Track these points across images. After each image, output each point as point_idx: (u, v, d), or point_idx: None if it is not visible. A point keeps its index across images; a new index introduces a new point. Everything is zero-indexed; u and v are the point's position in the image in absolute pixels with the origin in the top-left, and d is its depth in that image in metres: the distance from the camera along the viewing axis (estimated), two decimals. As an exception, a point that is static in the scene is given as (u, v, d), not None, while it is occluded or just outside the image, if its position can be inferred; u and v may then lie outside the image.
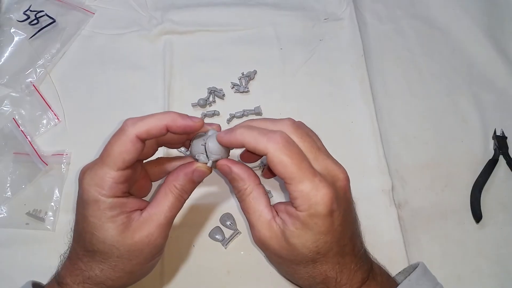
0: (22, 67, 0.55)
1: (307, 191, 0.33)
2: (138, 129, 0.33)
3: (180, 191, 0.36)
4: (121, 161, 0.33)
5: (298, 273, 0.37)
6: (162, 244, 0.36)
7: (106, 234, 0.33)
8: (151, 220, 0.35)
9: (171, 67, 0.57)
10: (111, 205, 0.33)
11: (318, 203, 0.33)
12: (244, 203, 0.37)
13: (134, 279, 0.37)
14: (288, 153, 0.33)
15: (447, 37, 0.62)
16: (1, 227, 0.47)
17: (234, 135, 0.35)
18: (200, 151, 0.37)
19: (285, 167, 0.33)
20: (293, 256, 0.35)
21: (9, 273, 0.45)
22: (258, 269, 0.45)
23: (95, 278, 0.35)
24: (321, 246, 0.34)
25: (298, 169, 0.33)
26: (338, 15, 0.62)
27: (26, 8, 0.58)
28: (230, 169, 0.36)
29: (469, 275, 0.46)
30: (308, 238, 0.34)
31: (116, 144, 0.33)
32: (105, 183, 0.33)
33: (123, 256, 0.34)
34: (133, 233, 0.34)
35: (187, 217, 0.48)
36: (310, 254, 0.35)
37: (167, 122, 0.34)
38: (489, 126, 0.55)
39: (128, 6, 0.62)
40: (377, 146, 0.53)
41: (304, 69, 0.58)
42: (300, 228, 0.34)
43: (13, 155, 0.50)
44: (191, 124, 0.35)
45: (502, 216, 0.50)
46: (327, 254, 0.35)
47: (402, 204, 0.50)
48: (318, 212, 0.33)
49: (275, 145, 0.33)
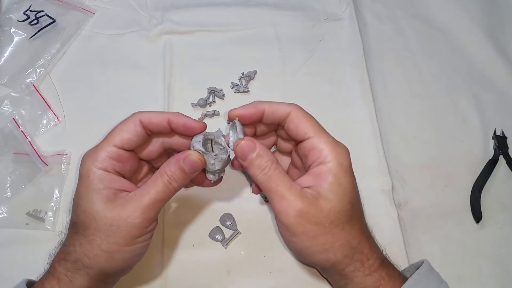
0: (22, 67, 0.55)
1: (330, 142, 0.37)
2: (143, 115, 0.37)
3: (169, 177, 0.36)
4: (119, 138, 0.37)
5: (337, 240, 0.36)
6: (141, 226, 0.35)
7: (88, 204, 0.35)
8: (134, 200, 0.35)
9: (171, 67, 0.57)
10: (100, 177, 0.35)
11: (343, 152, 0.37)
12: (271, 179, 0.36)
13: (112, 263, 0.36)
14: (308, 114, 0.38)
15: (447, 37, 0.62)
16: (1, 227, 0.47)
17: (253, 105, 0.39)
18: (197, 139, 0.38)
19: (309, 122, 0.38)
20: (334, 215, 0.36)
21: (9, 273, 0.45)
22: (258, 269, 0.45)
23: (73, 254, 0.35)
24: (354, 197, 0.37)
25: (319, 125, 0.38)
26: (338, 15, 0.62)
27: (26, 8, 0.58)
28: (255, 144, 0.37)
29: (469, 275, 0.47)
30: (344, 188, 0.36)
31: (120, 125, 0.37)
32: (99, 155, 0.36)
33: (100, 229, 0.34)
34: (113, 208, 0.35)
35: (187, 217, 0.48)
36: (347, 207, 0.36)
37: (170, 116, 0.37)
38: (489, 126, 0.55)
39: (128, 6, 0.62)
40: (377, 146, 0.53)
41: (304, 69, 0.58)
42: (333, 181, 0.36)
43: (13, 155, 0.50)
44: (192, 122, 0.38)
45: (502, 216, 0.50)
46: (357, 210, 0.38)
47: (402, 204, 0.50)
48: (344, 161, 0.37)
49: (297, 107, 0.38)
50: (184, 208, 0.48)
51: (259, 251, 0.46)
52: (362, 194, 0.40)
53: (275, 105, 0.39)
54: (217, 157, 0.39)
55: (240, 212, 0.48)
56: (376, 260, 0.37)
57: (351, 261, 0.37)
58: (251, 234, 0.47)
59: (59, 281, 0.35)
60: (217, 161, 0.39)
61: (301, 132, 0.37)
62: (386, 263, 0.38)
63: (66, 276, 0.35)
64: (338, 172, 0.36)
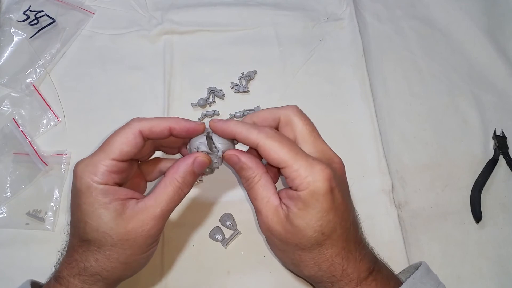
0: (22, 67, 0.55)
1: (303, 170, 0.34)
2: (142, 125, 0.35)
3: (180, 183, 0.36)
4: (118, 151, 0.34)
5: (303, 260, 0.37)
6: (156, 235, 0.36)
7: (99, 222, 0.34)
8: (146, 210, 0.35)
9: (171, 67, 0.57)
10: (103, 191, 0.34)
11: (317, 180, 0.34)
12: (252, 191, 0.38)
13: (129, 270, 0.37)
14: (279, 140, 0.35)
15: (447, 37, 0.62)
16: (1, 227, 0.47)
17: (227, 125, 0.37)
18: (200, 141, 0.38)
19: (277, 152, 0.35)
20: (298, 239, 0.36)
21: (9, 273, 0.45)
22: (258, 269, 0.45)
23: (90, 269, 0.35)
24: (324, 225, 0.35)
25: (290, 151, 0.35)
26: (338, 15, 0.62)
27: (26, 8, 0.58)
28: (239, 158, 0.37)
29: (469, 275, 0.46)
30: (311, 217, 0.35)
31: (118, 135, 0.35)
32: (98, 169, 0.34)
33: (116, 244, 0.34)
34: (126, 222, 0.34)
35: (187, 217, 0.48)
36: (315, 235, 0.35)
37: (171, 124, 0.36)
38: (489, 126, 0.55)
39: (128, 6, 0.62)
40: (377, 146, 0.53)
41: (304, 69, 0.58)
42: (302, 208, 0.35)
43: (13, 155, 0.50)
44: (194, 125, 0.37)
45: (502, 216, 0.50)
46: (332, 236, 0.35)
47: (402, 204, 0.50)
48: (318, 188, 0.34)
49: (265, 135, 0.35)
50: (184, 208, 0.48)
51: (259, 251, 0.46)
52: (362, 195, 0.40)
53: (246, 134, 0.36)
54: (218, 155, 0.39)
55: (240, 212, 0.48)
56: (351, 281, 0.36)
57: (320, 280, 0.37)
58: (251, 234, 0.47)
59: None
60: (219, 159, 0.39)
61: (272, 163, 0.36)
62: (369, 280, 0.36)
63: None
64: (308, 201, 0.34)
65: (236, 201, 0.49)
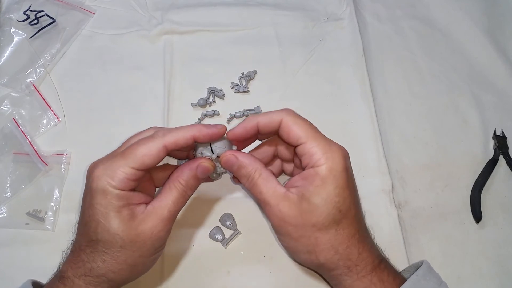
0: (22, 67, 0.55)
1: (322, 146, 0.36)
2: (167, 139, 0.36)
3: (184, 186, 0.37)
4: (140, 162, 0.35)
5: (320, 244, 0.36)
6: (165, 237, 0.37)
7: (111, 223, 0.34)
8: (155, 213, 0.35)
9: (171, 67, 0.57)
10: (118, 196, 0.34)
11: (335, 156, 0.36)
12: (255, 186, 0.38)
13: (135, 272, 0.37)
14: (300, 118, 0.38)
15: (447, 37, 0.62)
16: (1, 227, 0.47)
17: (247, 121, 0.38)
18: (205, 146, 0.39)
19: (301, 127, 0.37)
20: (316, 218, 0.36)
21: (9, 273, 0.44)
22: (258, 269, 0.45)
23: (97, 270, 0.35)
24: (342, 201, 0.36)
25: (311, 129, 0.37)
26: (338, 15, 0.62)
27: (26, 8, 0.58)
28: (236, 157, 0.38)
29: (469, 275, 0.46)
30: (329, 192, 0.35)
31: (142, 147, 0.35)
32: (117, 176, 0.34)
33: (126, 246, 0.34)
34: (137, 225, 0.35)
35: (187, 217, 0.48)
36: (333, 211, 0.35)
37: (194, 133, 0.36)
38: (489, 126, 0.55)
39: (128, 6, 0.62)
40: (377, 146, 0.53)
41: (304, 69, 0.58)
42: (320, 184, 0.35)
43: (13, 155, 0.50)
44: (216, 131, 0.37)
45: (502, 216, 0.50)
46: (347, 214, 0.36)
47: (402, 204, 0.50)
48: (335, 165, 0.35)
49: (287, 112, 0.38)
50: (184, 208, 0.47)
51: (259, 251, 0.46)
52: (362, 194, 0.40)
53: (267, 116, 0.38)
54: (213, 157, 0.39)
55: (240, 212, 0.48)
56: (367, 266, 0.36)
57: (336, 266, 0.37)
58: (251, 234, 0.47)
59: None
60: None
61: (293, 139, 0.37)
62: (382, 267, 0.37)
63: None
64: (326, 176, 0.35)
65: (236, 201, 0.49)
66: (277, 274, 0.45)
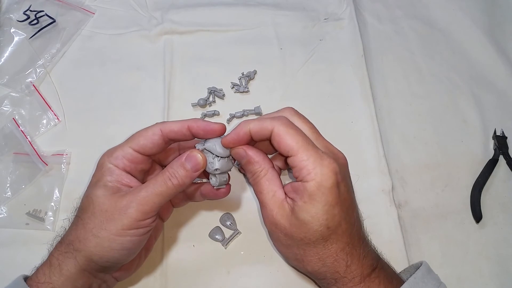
0: (22, 67, 0.55)
1: (312, 160, 0.35)
2: (163, 125, 0.38)
3: (170, 174, 0.37)
4: (136, 142, 0.38)
5: (307, 255, 0.37)
6: (136, 218, 0.35)
7: (92, 190, 0.37)
8: (132, 192, 0.36)
9: (171, 67, 0.57)
10: (111, 170, 0.37)
11: (324, 173, 0.34)
12: (258, 185, 0.38)
13: (100, 250, 0.35)
14: (293, 128, 0.36)
15: (447, 37, 0.62)
16: (1, 227, 0.47)
17: (239, 128, 0.38)
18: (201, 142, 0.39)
19: (291, 138, 0.35)
20: (303, 234, 0.36)
21: (9, 273, 0.44)
22: (258, 269, 0.45)
23: (68, 236, 0.37)
24: (330, 219, 0.35)
25: (302, 141, 0.36)
26: (338, 15, 0.62)
27: (26, 8, 0.58)
28: (246, 152, 0.38)
29: (469, 275, 0.46)
30: (317, 210, 0.35)
31: (140, 131, 0.39)
32: (115, 153, 0.38)
33: (95, 214, 0.36)
34: (116, 199, 0.36)
35: (187, 217, 0.48)
36: (320, 229, 0.35)
37: (190, 123, 0.38)
38: (489, 126, 0.55)
39: (128, 6, 0.62)
40: (377, 146, 0.53)
41: (304, 69, 0.58)
42: (308, 201, 0.35)
43: (13, 155, 0.50)
44: (212, 126, 0.38)
45: (502, 216, 0.50)
46: (337, 230, 0.36)
47: (402, 204, 0.50)
48: (325, 181, 0.34)
49: (280, 122, 0.36)
50: (184, 208, 0.48)
51: (259, 251, 0.46)
52: (362, 195, 0.40)
53: (259, 124, 0.37)
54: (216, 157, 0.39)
55: (240, 212, 0.48)
56: (354, 278, 0.36)
57: (323, 276, 0.37)
58: (251, 234, 0.47)
59: (51, 265, 0.36)
60: (216, 160, 0.39)
61: (283, 150, 0.36)
62: (373, 277, 0.37)
63: (57, 260, 0.36)
64: (314, 193, 0.34)
65: (236, 201, 0.49)
66: (277, 274, 0.45)
